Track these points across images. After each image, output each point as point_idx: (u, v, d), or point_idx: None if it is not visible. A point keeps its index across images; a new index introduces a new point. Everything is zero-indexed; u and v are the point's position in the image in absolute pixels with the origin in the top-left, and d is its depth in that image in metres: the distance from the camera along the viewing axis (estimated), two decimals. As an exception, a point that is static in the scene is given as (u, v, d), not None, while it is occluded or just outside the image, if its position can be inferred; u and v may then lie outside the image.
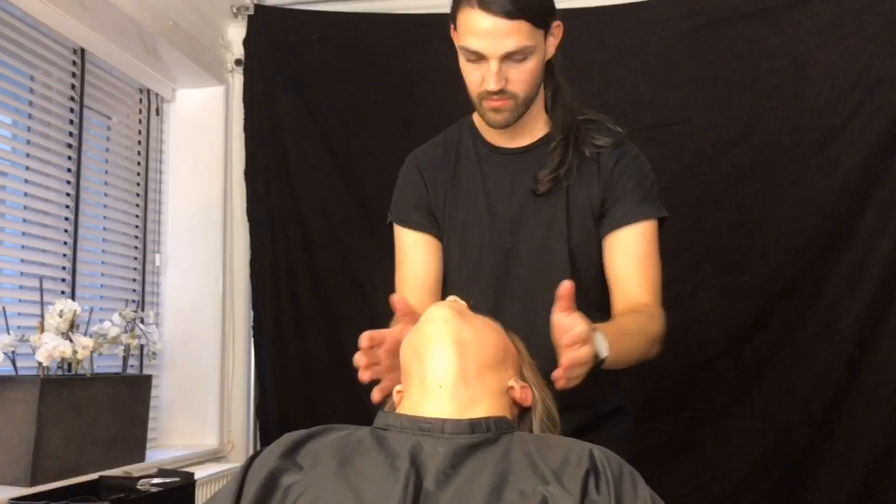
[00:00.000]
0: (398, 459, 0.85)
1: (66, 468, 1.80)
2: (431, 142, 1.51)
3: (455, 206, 1.43)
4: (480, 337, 0.98)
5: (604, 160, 1.37)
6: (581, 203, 1.36)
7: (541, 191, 1.35)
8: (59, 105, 2.19)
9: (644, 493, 0.82)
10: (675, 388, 2.32)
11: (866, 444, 2.19)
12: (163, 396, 2.58)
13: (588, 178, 1.36)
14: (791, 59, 2.34)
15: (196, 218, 2.66)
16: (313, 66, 2.65)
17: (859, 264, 2.24)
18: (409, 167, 1.49)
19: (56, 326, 1.83)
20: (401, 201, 1.48)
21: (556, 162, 1.35)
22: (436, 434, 0.87)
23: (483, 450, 0.87)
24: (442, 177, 1.45)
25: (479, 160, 1.43)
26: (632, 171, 1.36)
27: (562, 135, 1.37)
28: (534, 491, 0.80)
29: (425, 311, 1.02)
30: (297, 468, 0.86)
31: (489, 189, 1.40)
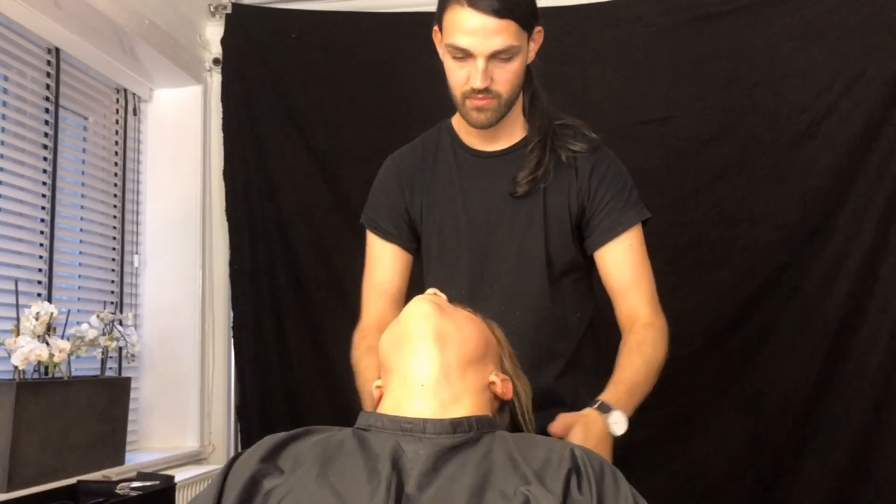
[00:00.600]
0: (379, 463, 0.84)
1: (43, 473, 1.77)
2: (410, 144, 1.52)
3: (432, 209, 1.44)
4: (462, 332, 0.98)
5: (580, 166, 1.39)
6: (558, 206, 1.38)
7: (519, 193, 1.37)
8: (33, 105, 2.16)
9: (626, 492, 0.82)
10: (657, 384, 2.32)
11: (846, 438, 2.21)
12: (142, 399, 2.55)
13: (565, 182, 1.38)
14: (769, 57, 2.36)
15: (175, 218, 2.63)
16: (292, 66, 2.64)
17: (838, 259, 2.26)
18: (387, 170, 1.51)
19: (32, 329, 1.80)
20: (375, 206, 1.51)
21: (533, 163, 1.37)
22: (417, 434, 0.87)
23: (465, 450, 0.86)
24: (420, 180, 1.46)
25: (456, 163, 1.45)
26: (610, 178, 1.38)
27: (539, 137, 1.39)
28: (516, 491, 0.80)
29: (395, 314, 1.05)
30: (279, 472, 0.85)
31: (466, 192, 1.42)
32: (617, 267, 1.37)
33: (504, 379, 1.03)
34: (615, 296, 1.38)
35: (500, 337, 1.09)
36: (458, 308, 1.04)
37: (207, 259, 2.66)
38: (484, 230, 1.40)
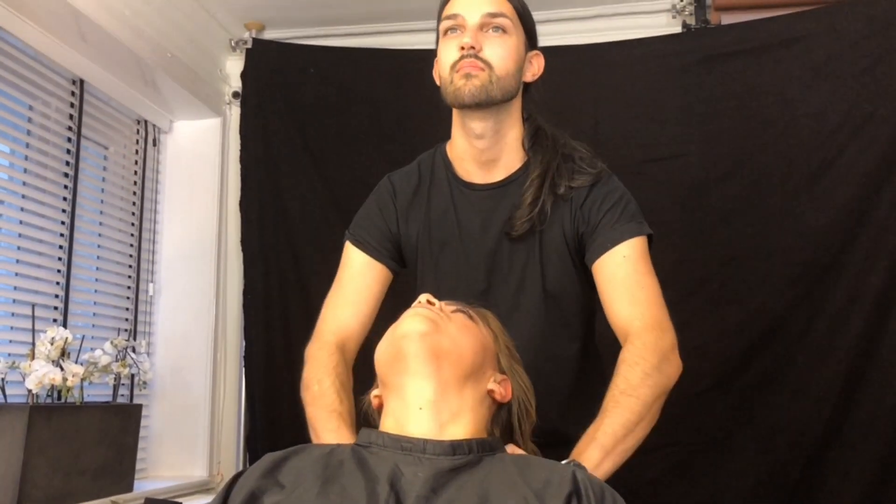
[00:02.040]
0: (378, 484, 0.84)
1: (52, 497, 1.78)
2: (407, 169, 1.48)
3: (428, 243, 1.41)
4: (458, 347, 0.97)
5: (575, 197, 1.34)
6: (555, 243, 1.34)
7: (514, 234, 1.33)
8: (56, 134, 2.21)
9: None
10: (666, 422, 2.29)
11: (859, 479, 2.18)
12: (152, 426, 2.56)
13: (560, 215, 1.34)
14: (780, 97, 2.38)
15: (190, 248, 2.67)
16: (309, 100, 2.68)
17: (849, 299, 2.25)
18: (383, 193, 1.47)
19: (47, 354, 1.83)
20: (366, 224, 1.46)
21: (528, 202, 1.32)
22: (417, 454, 0.87)
23: (464, 473, 0.87)
24: (415, 212, 1.43)
25: (452, 196, 1.41)
26: (602, 198, 1.33)
27: (539, 170, 1.34)
28: None
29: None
30: (279, 487, 0.86)
31: (462, 228, 1.39)
32: (608, 280, 1.29)
33: (502, 380, 1.03)
34: (607, 311, 1.30)
35: (496, 330, 1.08)
36: (452, 315, 1.02)
37: (221, 288, 2.69)
38: (482, 269, 1.37)
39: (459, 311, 1.04)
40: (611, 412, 1.14)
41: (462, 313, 1.03)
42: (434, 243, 1.40)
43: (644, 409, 1.16)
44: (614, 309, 1.27)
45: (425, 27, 2.58)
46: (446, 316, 1.00)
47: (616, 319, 1.27)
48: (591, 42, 2.53)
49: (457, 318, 1.01)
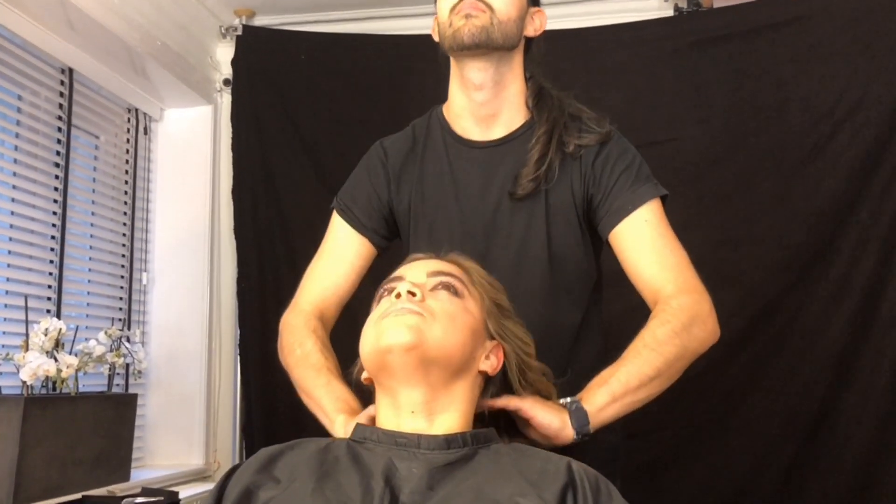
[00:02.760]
0: (373, 479, 0.85)
1: (49, 488, 1.79)
2: (401, 133, 1.41)
3: (422, 206, 1.33)
4: (446, 350, 0.91)
5: (585, 155, 1.27)
6: (562, 203, 1.27)
7: (519, 194, 1.25)
8: (46, 124, 2.20)
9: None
10: (660, 406, 2.31)
11: (851, 460, 2.20)
12: (148, 415, 2.57)
13: (567, 175, 1.27)
14: (773, 80, 2.38)
15: (183, 236, 2.66)
16: (301, 87, 2.67)
17: (842, 281, 2.26)
18: (373, 157, 1.39)
19: (41, 345, 1.82)
20: (353, 192, 1.39)
21: (535, 159, 1.25)
22: (411, 449, 0.87)
23: (459, 467, 0.87)
24: (408, 173, 1.35)
25: (448, 156, 1.33)
26: (615, 158, 1.27)
27: (546, 126, 1.27)
28: (509, 500, 0.80)
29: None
30: (275, 482, 0.86)
31: (459, 189, 1.31)
32: (629, 245, 1.22)
33: (493, 349, 0.99)
34: (634, 277, 1.23)
35: (482, 289, 1.00)
36: (436, 300, 0.93)
37: (215, 277, 2.69)
38: (480, 233, 1.28)
39: (442, 287, 0.95)
40: (629, 361, 1.12)
41: (446, 289, 0.95)
42: (428, 204, 1.32)
43: (664, 367, 1.12)
44: (645, 275, 1.21)
45: (417, 12, 2.59)
46: (429, 313, 0.91)
47: (646, 285, 1.21)
48: (582, 26, 2.52)
49: (442, 306, 0.93)
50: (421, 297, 0.92)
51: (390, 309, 0.91)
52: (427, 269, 0.97)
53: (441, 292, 0.94)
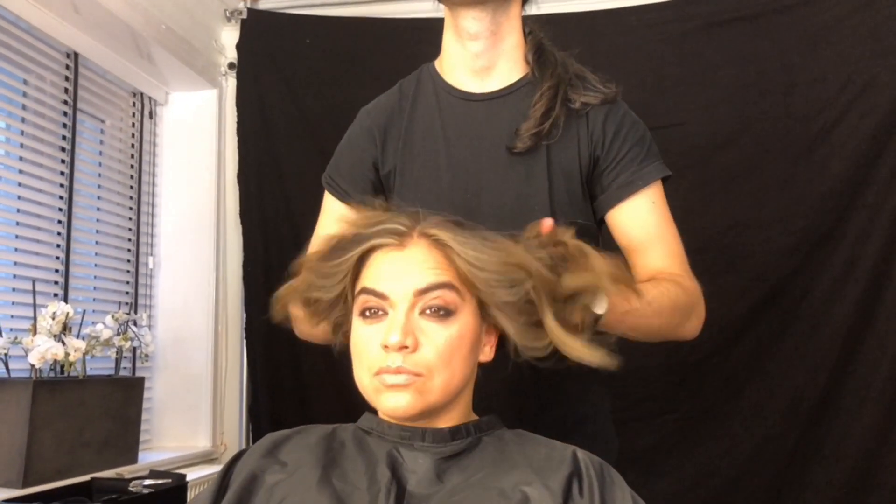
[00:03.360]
0: (379, 469, 0.85)
1: (58, 470, 1.81)
2: (385, 93, 1.34)
3: (410, 160, 1.25)
4: (447, 392, 0.87)
5: (592, 115, 1.21)
6: (567, 160, 1.20)
7: (518, 148, 1.18)
8: (52, 108, 2.20)
9: (627, 496, 0.83)
10: (664, 389, 2.34)
11: (854, 445, 2.21)
12: (155, 398, 2.58)
13: (573, 131, 1.20)
14: (779, 64, 2.37)
15: (189, 220, 2.67)
16: (306, 70, 2.67)
17: (847, 266, 2.27)
18: (356, 124, 1.33)
19: (48, 329, 1.84)
20: (338, 164, 1.33)
21: (539, 113, 1.18)
22: (416, 442, 0.87)
23: (465, 457, 0.87)
24: (394, 128, 1.28)
25: (439, 108, 1.25)
26: (627, 127, 1.21)
27: (551, 81, 1.20)
28: (514, 489, 0.81)
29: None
30: (281, 465, 0.87)
31: (451, 142, 1.23)
32: (636, 225, 1.18)
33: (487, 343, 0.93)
34: (632, 253, 1.19)
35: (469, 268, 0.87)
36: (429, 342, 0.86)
37: (221, 261, 2.70)
38: (472, 188, 1.20)
39: (431, 313, 0.87)
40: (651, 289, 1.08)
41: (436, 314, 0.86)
42: (416, 159, 1.24)
43: (677, 301, 1.09)
44: (649, 258, 1.17)
45: (423, -4, 2.57)
46: (426, 369, 0.85)
47: (648, 268, 1.18)
48: (587, 10, 2.50)
49: (435, 346, 0.86)
50: (413, 345, 0.84)
51: (382, 368, 0.85)
52: (414, 284, 0.86)
53: (432, 322, 0.86)
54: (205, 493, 0.85)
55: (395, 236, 0.89)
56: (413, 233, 0.89)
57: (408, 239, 0.89)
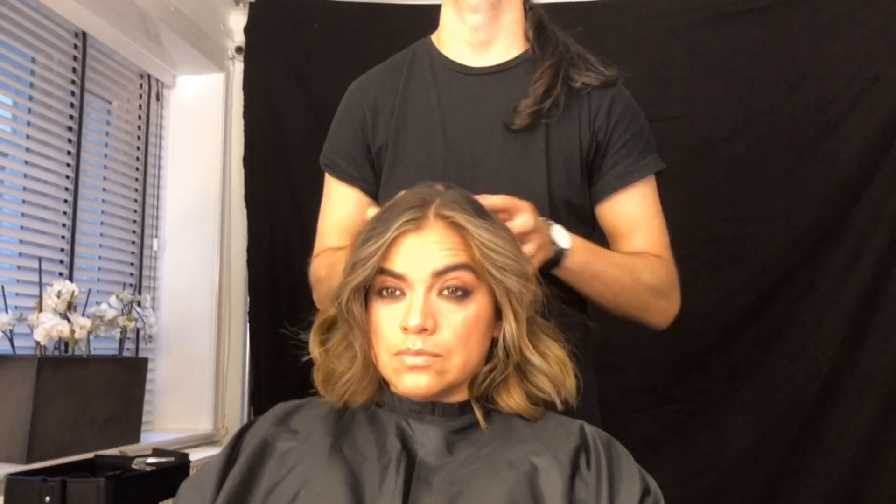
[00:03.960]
0: (389, 440, 0.86)
1: (61, 447, 1.82)
2: (377, 66, 1.32)
3: (404, 134, 1.22)
4: (465, 372, 0.88)
5: (594, 98, 1.19)
6: (566, 140, 1.18)
7: (516, 125, 1.16)
8: (59, 88, 2.20)
9: (634, 469, 0.84)
10: (665, 380, 2.35)
11: (854, 438, 2.22)
12: (158, 380, 2.59)
13: (574, 112, 1.18)
14: (787, 57, 2.37)
15: (194, 203, 2.67)
16: (314, 56, 2.66)
17: (851, 260, 2.27)
18: (347, 100, 1.31)
19: (54, 307, 1.85)
20: (333, 144, 1.30)
21: (540, 92, 1.16)
22: (427, 416, 0.88)
23: (474, 430, 0.88)
24: (387, 101, 1.24)
25: (435, 81, 1.23)
26: (630, 116, 1.20)
27: (553, 59, 1.19)
28: (523, 460, 0.82)
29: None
30: (292, 433, 0.88)
31: (446, 116, 1.20)
32: (625, 216, 1.19)
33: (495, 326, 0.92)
34: (617, 239, 1.20)
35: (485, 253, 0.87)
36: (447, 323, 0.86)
37: (225, 244, 2.70)
38: (467, 164, 1.17)
39: (449, 293, 0.87)
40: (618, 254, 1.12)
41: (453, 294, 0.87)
42: (410, 133, 1.22)
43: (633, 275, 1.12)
44: (625, 238, 1.19)
45: (433, -18, 2.57)
46: (444, 350, 0.85)
47: (625, 246, 1.20)
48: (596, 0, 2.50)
49: (453, 327, 0.86)
50: (432, 327, 0.85)
51: (402, 350, 0.85)
52: (432, 266, 0.86)
53: (449, 303, 0.86)
54: (215, 460, 0.86)
55: (412, 221, 0.88)
56: (429, 213, 0.89)
57: (424, 221, 0.88)
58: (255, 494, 0.82)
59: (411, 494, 0.80)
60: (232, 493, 0.81)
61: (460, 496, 0.79)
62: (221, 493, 0.82)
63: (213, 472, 0.84)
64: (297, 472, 0.82)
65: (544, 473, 0.80)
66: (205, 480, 0.84)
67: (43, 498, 1.51)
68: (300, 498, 0.79)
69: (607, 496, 0.80)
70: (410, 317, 0.84)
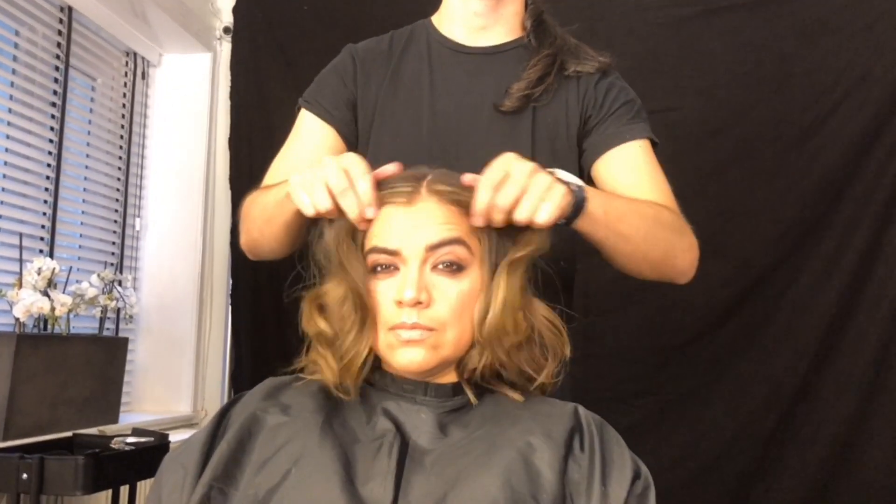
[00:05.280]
0: (380, 421, 0.85)
1: (39, 425, 1.80)
2: (378, 36, 1.31)
3: (392, 102, 1.23)
4: (459, 346, 0.87)
5: (584, 79, 1.21)
6: (553, 121, 1.19)
7: (506, 107, 1.17)
8: (43, 62, 2.17)
9: (625, 453, 0.84)
10: (646, 372, 2.37)
11: (830, 433, 2.24)
12: (137, 361, 2.57)
13: (563, 95, 1.20)
14: (775, 54, 2.38)
15: (178, 184, 2.65)
16: (302, 37, 2.64)
17: (832, 257, 2.29)
18: (343, 56, 1.30)
19: (34, 284, 1.82)
20: (319, 86, 1.29)
21: (534, 76, 1.18)
22: (419, 396, 0.87)
23: (467, 412, 0.87)
24: (380, 69, 1.25)
25: (429, 57, 1.24)
26: (620, 89, 1.21)
27: (551, 49, 1.21)
28: (517, 439, 0.81)
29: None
30: (283, 408, 0.86)
31: (436, 91, 1.22)
32: (624, 171, 1.16)
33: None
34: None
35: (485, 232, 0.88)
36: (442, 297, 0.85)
37: (209, 226, 2.68)
38: (451, 139, 1.18)
39: (444, 267, 0.86)
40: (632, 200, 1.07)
41: (448, 268, 0.86)
42: (399, 102, 1.22)
43: (653, 211, 1.07)
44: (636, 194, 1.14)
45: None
46: (438, 324, 0.85)
47: None
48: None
49: (447, 300, 0.85)
50: (427, 301, 0.84)
51: (397, 324, 0.84)
52: (426, 240, 0.85)
53: (443, 277, 0.85)
54: (199, 435, 0.85)
55: (404, 194, 0.87)
56: (420, 189, 0.88)
57: (415, 195, 0.87)
58: (244, 469, 0.81)
59: (404, 476, 0.79)
60: (219, 468, 0.80)
61: (454, 477, 0.79)
62: (208, 468, 0.80)
63: (197, 447, 0.83)
64: (289, 448, 0.81)
65: (539, 452, 0.80)
66: (188, 455, 0.83)
67: (20, 475, 1.50)
68: (292, 475, 0.78)
69: (600, 478, 0.80)
70: (405, 290, 0.83)
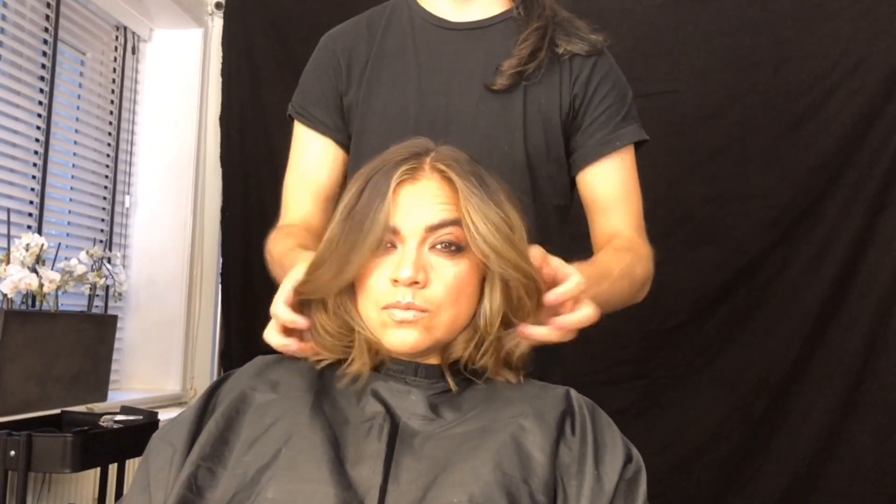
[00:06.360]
0: (370, 402, 0.84)
1: (27, 402, 1.79)
2: (353, 18, 1.27)
3: (377, 87, 1.19)
4: (453, 329, 0.86)
5: (576, 62, 1.17)
6: (547, 103, 1.16)
7: (498, 86, 1.14)
8: (31, 35, 2.14)
9: (617, 437, 0.84)
10: (636, 355, 2.37)
11: (819, 419, 2.25)
12: (126, 339, 2.56)
13: (555, 76, 1.17)
14: (772, 37, 2.36)
15: (168, 161, 2.62)
16: (295, 14, 2.61)
17: (825, 243, 2.29)
18: (320, 49, 1.26)
19: (22, 260, 1.80)
20: (304, 91, 1.25)
21: (525, 52, 1.14)
22: (409, 377, 0.86)
23: (457, 395, 0.86)
24: (361, 53, 1.21)
25: (413, 35, 1.20)
26: (611, 83, 1.18)
27: (540, 23, 1.17)
28: (508, 422, 0.81)
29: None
30: (272, 385, 0.86)
31: (423, 70, 1.17)
32: (604, 186, 1.17)
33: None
34: (595, 214, 1.19)
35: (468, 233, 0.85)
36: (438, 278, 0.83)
37: (199, 204, 2.66)
38: (441, 120, 1.15)
39: (442, 248, 0.84)
40: (602, 255, 1.10)
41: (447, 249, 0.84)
42: (384, 86, 1.18)
43: (636, 272, 1.10)
44: (604, 214, 1.18)
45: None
46: (433, 305, 0.83)
47: (603, 225, 1.19)
48: (586, -30, 2.47)
49: (444, 281, 0.83)
50: (423, 281, 0.82)
51: (392, 303, 0.83)
52: (426, 220, 0.83)
53: (441, 258, 0.84)
54: (187, 412, 0.84)
55: (409, 171, 0.85)
56: (424, 165, 0.86)
57: (419, 172, 0.85)
58: (232, 447, 0.80)
59: (394, 458, 0.79)
60: (207, 447, 0.79)
61: (445, 460, 0.78)
62: (195, 446, 0.79)
63: (186, 425, 0.82)
64: (279, 427, 0.80)
65: (531, 434, 0.79)
66: (177, 433, 0.82)
67: (8, 452, 1.49)
68: (282, 456, 0.77)
69: (592, 462, 0.79)
70: (402, 269, 0.81)
